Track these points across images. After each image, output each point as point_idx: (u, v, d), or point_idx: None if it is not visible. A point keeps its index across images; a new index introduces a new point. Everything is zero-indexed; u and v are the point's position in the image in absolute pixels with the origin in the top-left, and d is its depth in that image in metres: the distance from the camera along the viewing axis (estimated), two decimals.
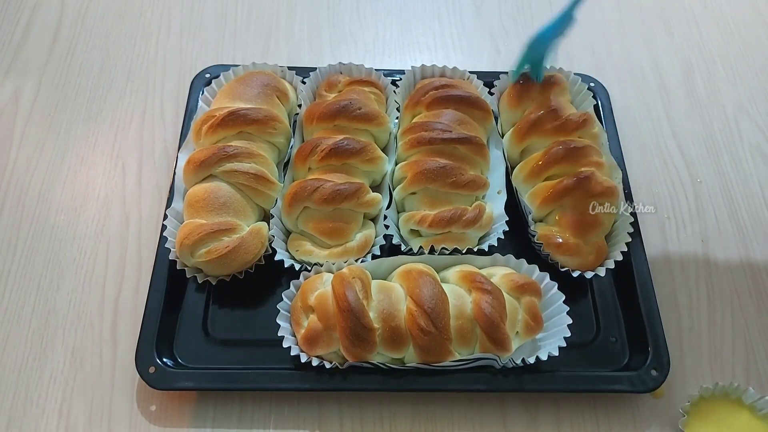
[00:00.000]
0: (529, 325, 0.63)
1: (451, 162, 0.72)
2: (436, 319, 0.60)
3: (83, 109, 0.88)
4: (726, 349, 0.71)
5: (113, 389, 0.66)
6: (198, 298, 0.71)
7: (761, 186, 0.84)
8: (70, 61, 0.93)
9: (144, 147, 0.84)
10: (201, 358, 0.67)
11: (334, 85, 0.82)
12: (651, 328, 0.68)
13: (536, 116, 0.75)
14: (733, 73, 0.95)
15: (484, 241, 0.73)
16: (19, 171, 0.81)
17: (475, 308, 0.61)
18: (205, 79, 0.86)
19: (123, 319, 0.70)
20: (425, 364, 0.62)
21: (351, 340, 0.60)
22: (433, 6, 1.04)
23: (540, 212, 0.73)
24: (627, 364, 0.68)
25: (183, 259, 0.68)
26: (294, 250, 0.71)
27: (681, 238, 0.80)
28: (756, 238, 0.80)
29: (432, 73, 0.84)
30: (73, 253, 0.75)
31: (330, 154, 0.71)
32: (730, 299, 0.75)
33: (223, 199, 0.70)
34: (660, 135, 0.89)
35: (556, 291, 0.67)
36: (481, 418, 0.66)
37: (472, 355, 0.62)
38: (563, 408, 0.67)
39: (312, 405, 0.66)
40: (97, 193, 0.80)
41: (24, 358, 0.68)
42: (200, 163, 0.70)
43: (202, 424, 0.65)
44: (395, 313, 0.61)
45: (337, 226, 0.70)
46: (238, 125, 0.73)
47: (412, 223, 0.71)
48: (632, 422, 0.66)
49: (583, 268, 0.71)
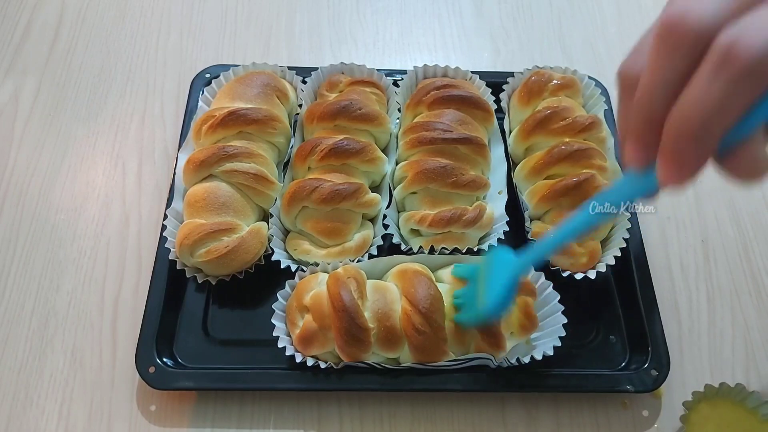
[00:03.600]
0: (523, 324, 0.63)
1: (452, 162, 0.72)
2: (431, 318, 0.60)
3: (83, 109, 0.88)
4: (726, 349, 0.71)
5: (113, 389, 0.66)
6: (198, 298, 0.71)
7: (761, 186, 0.84)
8: (70, 61, 0.93)
9: (144, 147, 0.85)
10: (201, 358, 0.67)
11: (335, 85, 0.82)
12: (651, 328, 0.68)
13: (543, 115, 0.75)
14: None
15: (484, 242, 0.73)
16: (19, 171, 0.81)
17: None
18: (205, 79, 0.85)
19: (123, 319, 0.70)
20: (420, 364, 0.62)
21: (346, 340, 0.60)
22: (433, 6, 1.04)
23: (537, 210, 0.73)
24: (627, 364, 0.68)
25: (183, 259, 0.68)
26: (292, 249, 0.71)
27: (681, 238, 0.80)
28: (756, 238, 0.80)
29: (434, 73, 0.84)
30: (73, 253, 0.75)
31: (329, 154, 0.71)
32: (730, 299, 0.75)
33: (223, 199, 0.70)
34: None
35: (551, 290, 0.67)
36: (481, 418, 0.66)
37: (467, 355, 0.62)
38: (563, 408, 0.67)
39: (312, 405, 0.66)
40: (97, 193, 0.80)
41: (24, 358, 0.68)
42: (200, 163, 0.70)
43: (202, 424, 0.65)
44: (390, 313, 0.61)
45: (336, 226, 0.70)
46: (238, 125, 0.73)
47: (412, 222, 0.71)
48: (632, 422, 0.66)
49: (574, 269, 0.71)
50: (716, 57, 0.27)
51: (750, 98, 0.28)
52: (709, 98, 0.28)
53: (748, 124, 0.29)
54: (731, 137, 0.29)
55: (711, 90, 0.28)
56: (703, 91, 0.28)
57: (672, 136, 0.30)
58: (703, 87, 0.28)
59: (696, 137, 0.29)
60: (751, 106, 0.28)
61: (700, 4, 0.28)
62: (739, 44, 0.26)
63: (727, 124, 0.29)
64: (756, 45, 0.26)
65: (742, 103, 0.28)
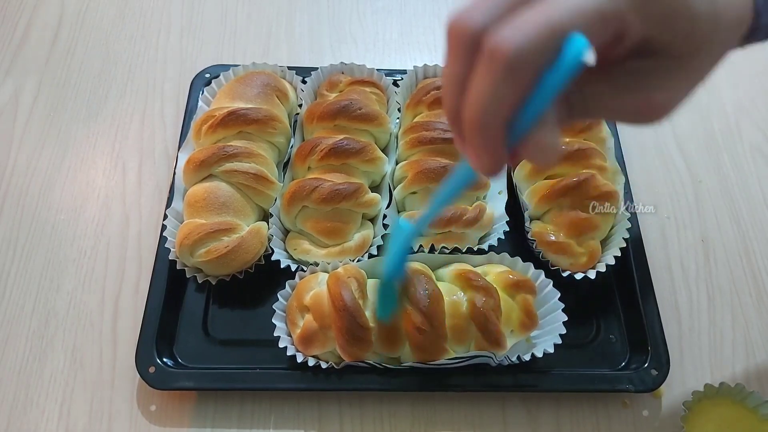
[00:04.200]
0: (523, 322, 0.63)
1: (452, 162, 0.72)
2: (432, 317, 0.60)
3: (83, 109, 0.88)
4: (726, 349, 0.71)
5: (113, 389, 0.66)
6: (198, 298, 0.71)
7: (761, 186, 0.84)
8: (70, 61, 0.93)
9: (144, 147, 0.85)
10: (201, 358, 0.67)
11: (335, 84, 0.82)
12: (651, 327, 0.68)
13: None
14: (733, 73, 0.95)
15: (484, 241, 0.73)
16: (19, 171, 0.81)
17: (470, 306, 0.62)
18: (205, 79, 0.86)
19: (123, 319, 0.70)
20: (421, 362, 0.62)
21: (347, 339, 0.60)
22: (433, 6, 1.04)
23: (537, 210, 0.73)
24: (627, 364, 0.68)
25: (183, 259, 0.68)
26: (292, 249, 0.71)
27: (681, 238, 0.80)
28: (756, 238, 0.80)
29: (434, 73, 0.84)
30: (73, 253, 0.75)
31: (329, 153, 0.71)
32: (730, 299, 0.75)
33: (223, 198, 0.70)
34: (660, 135, 0.88)
35: (551, 288, 0.67)
36: (481, 418, 0.66)
37: (468, 353, 0.62)
38: (563, 408, 0.67)
39: (312, 405, 0.66)
40: (97, 193, 0.80)
41: (24, 358, 0.68)
42: (200, 163, 0.70)
43: (202, 423, 0.65)
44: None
45: (336, 226, 0.70)
46: (238, 125, 0.73)
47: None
48: (632, 422, 0.66)
49: (574, 268, 0.71)
50: (484, 56, 0.30)
51: (517, 90, 0.31)
52: (483, 93, 0.31)
53: (527, 114, 0.32)
54: (520, 126, 0.32)
55: (484, 85, 0.31)
56: (478, 87, 0.31)
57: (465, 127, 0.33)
58: (479, 83, 0.31)
59: (480, 128, 0.32)
60: (524, 97, 0.31)
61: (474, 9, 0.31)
62: (499, 43, 0.29)
63: (504, 115, 0.31)
64: (513, 42, 0.29)
65: (512, 96, 0.31)
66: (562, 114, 0.34)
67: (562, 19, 0.29)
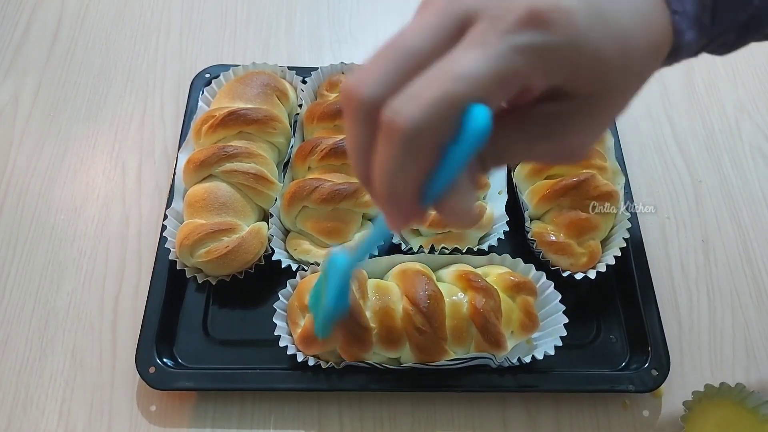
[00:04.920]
0: (524, 323, 0.63)
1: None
2: (432, 318, 0.60)
3: (83, 109, 0.88)
4: (726, 349, 0.71)
5: (113, 389, 0.66)
6: (198, 298, 0.71)
7: (761, 186, 0.84)
8: (70, 61, 0.93)
9: (144, 147, 0.84)
10: (201, 358, 0.67)
11: (335, 85, 0.82)
12: (651, 328, 0.68)
13: None
14: (733, 73, 0.95)
15: (484, 242, 0.73)
16: (19, 171, 0.81)
17: (471, 307, 0.62)
18: (205, 79, 0.85)
19: (123, 319, 0.70)
20: (421, 363, 0.62)
21: (347, 340, 0.60)
22: None
23: (537, 210, 0.73)
24: (627, 364, 0.68)
25: (183, 259, 0.68)
26: (292, 249, 0.71)
27: (681, 238, 0.80)
28: (756, 239, 0.80)
29: None
30: (73, 253, 0.75)
31: (329, 154, 0.71)
32: (730, 299, 0.75)
33: (223, 199, 0.70)
34: (660, 135, 0.88)
35: (552, 290, 0.67)
36: (481, 418, 0.66)
37: (468, 355, 0.62)
38: (563, 408, 0.67)
39: (312, 405, 0.66)
40: (97, 193, 0.80)
41: (24, 358, 0.68)
42: (200, 163, 0.70)
43: (202, 424, 0.65)
44: (391, 312, 0.61)
45: (336, 226, 0.70)
46: (238, 125, 0.73)
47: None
48: (632, 422, 0.66)
49: (574, 269, 0.71)
50: (382, 129, 0.29)
51: (421, 164, 0.30)
52: (387, 166, 0.30)
53: (437, 183, 0.31)
54: (431, 192, 0.31)
55: (386, 158, 0.30)
56: (381, 159, 0.30)
57: (375, 194, 0.33)
58: (381, 155, 0.30)
59: (388, 197, 0.31)
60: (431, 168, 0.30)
61: (366, 79, 0.30)
62: (394, 118, 0.28)
63: (411, 185, 0.31)
64: (409, 117, 0.28)
65: (416, 169, 0.30)
66: (476, 169, 0.33)
67: (457, 90, 0.28)
